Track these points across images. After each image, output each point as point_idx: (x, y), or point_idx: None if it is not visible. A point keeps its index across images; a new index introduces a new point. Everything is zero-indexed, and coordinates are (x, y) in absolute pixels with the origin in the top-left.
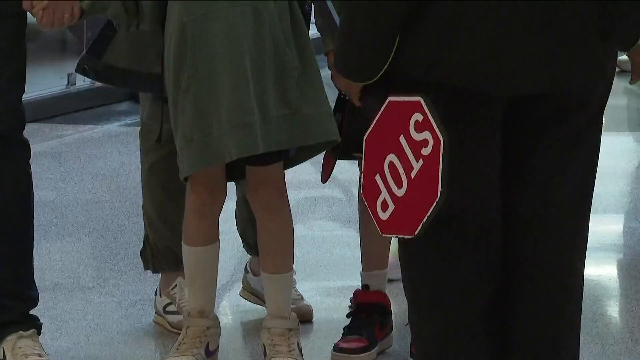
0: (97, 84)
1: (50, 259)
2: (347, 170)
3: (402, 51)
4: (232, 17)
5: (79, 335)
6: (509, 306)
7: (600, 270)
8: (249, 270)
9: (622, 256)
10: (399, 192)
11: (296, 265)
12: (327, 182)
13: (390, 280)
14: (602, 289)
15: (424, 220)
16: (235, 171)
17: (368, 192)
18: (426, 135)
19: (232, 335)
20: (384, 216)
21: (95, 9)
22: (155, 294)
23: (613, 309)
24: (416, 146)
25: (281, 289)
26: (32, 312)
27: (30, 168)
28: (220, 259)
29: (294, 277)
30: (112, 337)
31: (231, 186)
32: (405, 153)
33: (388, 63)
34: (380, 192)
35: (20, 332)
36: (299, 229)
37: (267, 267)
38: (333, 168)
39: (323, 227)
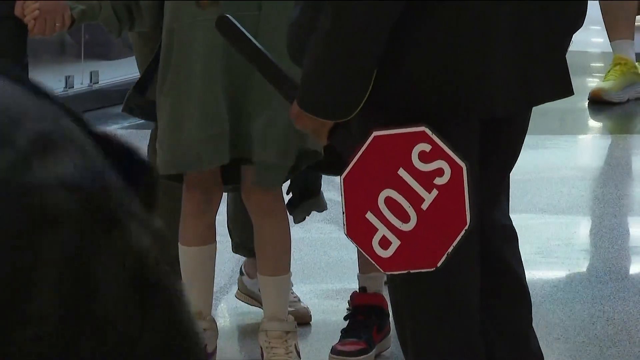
0: (95, 86)
1: None
2: None
3: (386, 81)
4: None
5: None
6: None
7: (598, 271)
8: (244, 273)
9: (619, 257)
10: (406, 227)
11: (293, 268)
12: (324, 184)
13: (387, 282)
14: (600, 290)
15: (449, 250)
16: (231, 173)
17: (356, 232)
18: (439, 164)
19: (230, 337)
20: (385, 254)
21: (86, 17)
22: None
23: (611, 312)
24: (426, 177)
25: (278, 291)
26: None
27: None
28: (217, 261)
29: (291, 279)
30: None
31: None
32: (410, 186)
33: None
34: (377, 230)
35: None
36: (296, 231)
37: (263, 270)
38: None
39: (320, 229)
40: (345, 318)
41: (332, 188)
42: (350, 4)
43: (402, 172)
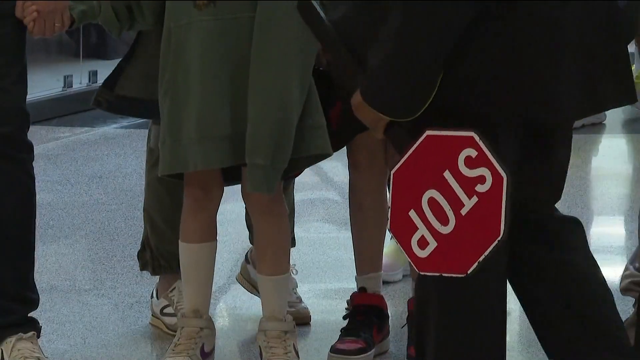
0: (94, 85)
1: (47, 261)
2: (344, 172)
3: (445, 82)
4: (213, 30)
5: (76, 337)
6: None
7: None
8: (250, 261)
9: (621, 258)
10: (444, 230)
11: (296, 266)
12: (323, 184)
13: (385, 282)
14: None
15: (480, 259)
16: (232, 173)
17: (399, 228)
18: (482, 171)
19: (229, 337)
20: (422, 254)
21: (86, 17)
22: (152, 296)
23: None
24: (469, 183)
25: (277, 290)
26: (30, 314)
27: (33, 170)
28: (217, 261)
29: (295, 278)
30: (109, 339)
31: (231, 187)
32: (453, 189)
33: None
34: (417, 228)
35: (20, 334)
36: (295, 231)
37: (262, 269)
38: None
39: (319, 229)
40: (344, 318)
41: (331, 188)
42: (422, 4)
43: (447, 175)
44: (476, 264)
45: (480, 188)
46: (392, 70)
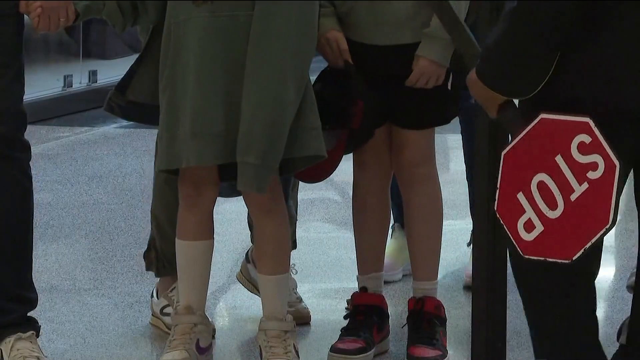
0: (94, 85)
1: (47, 261)
2: (344, 172)
3: (564, 69)
4: (210, 27)
5: (76, 337)
6: None
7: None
8: (250, 260)
9: (618, 258)
10: (552, 214)
11: (296, 266)
12: (323, 184)
13: (385, 282)
14: (599, 290)
15: (587, 246)
16: (232, 171)
17: (505, 209)
18: (595, 158)
19: (229, 336)
20: (527, 237)
21: (90, 12)
22: (152, 296)
23: (610, 311)
24: (580, 168)
25: (277, 290)
26: (29, 314)
27: (30, 169)
28: (216, 260)
29: (295, 278)
30: (109, 338)
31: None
32: (564, 174)
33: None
34: (524, 211)
35: (19, 333)
36: (295, 232)
37: (262, 269)
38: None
39: (319, 229)
40: (345, 317)
41: (331, 188)
42: None
43: (559, 159)
44: (582, 250)
45: (591, 175)
46: (505, 48)
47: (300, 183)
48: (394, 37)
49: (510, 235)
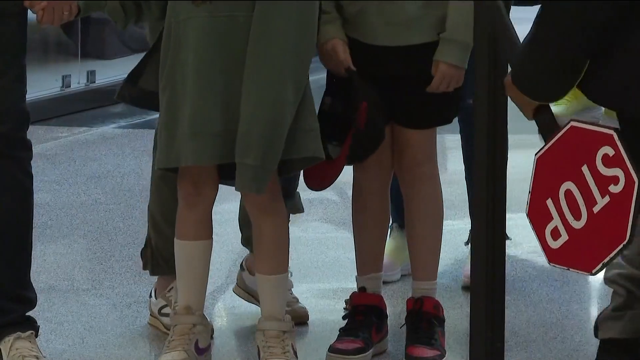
0: (92, 85)
1: (45, 261)
2: (342, 172)
3: (595, 78)
4: (209, 27)
5: (74, 337)
6: None
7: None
8: (245, 268)
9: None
10: (576, 224)
11: (291, 267)
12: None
13: (384, 282)
14: (597, 290)
15: (605, 261)
16: (232, 171)
17: (536, 214)
18: (616, 172)
19: (227, 336)
20: (553, 245)
21: (92, 7)
22: (150, 296)
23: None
24: (603, 181)
25: (276, 290)
26: (27, 313)
27: (31, 169)
28: (215, 260)
29: (291, 280)
30: (107, 339)
31: (229, 187)
32: (588, 185)
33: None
34: (552, 218)
35: (18, 333)
36: (293, 231)
37: (261, 269)
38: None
39: (317, 229)
40: (343, 317)
41: (330, 188)
42: None
43: (585, 169)
44: (600, 265)
45: (613, 188)
46: (534, 53)
47: (301, 183)
48: (403, 37)
49: (538, 240)
